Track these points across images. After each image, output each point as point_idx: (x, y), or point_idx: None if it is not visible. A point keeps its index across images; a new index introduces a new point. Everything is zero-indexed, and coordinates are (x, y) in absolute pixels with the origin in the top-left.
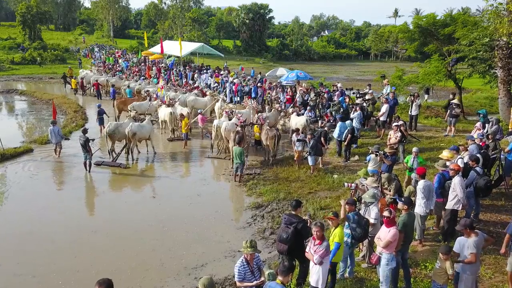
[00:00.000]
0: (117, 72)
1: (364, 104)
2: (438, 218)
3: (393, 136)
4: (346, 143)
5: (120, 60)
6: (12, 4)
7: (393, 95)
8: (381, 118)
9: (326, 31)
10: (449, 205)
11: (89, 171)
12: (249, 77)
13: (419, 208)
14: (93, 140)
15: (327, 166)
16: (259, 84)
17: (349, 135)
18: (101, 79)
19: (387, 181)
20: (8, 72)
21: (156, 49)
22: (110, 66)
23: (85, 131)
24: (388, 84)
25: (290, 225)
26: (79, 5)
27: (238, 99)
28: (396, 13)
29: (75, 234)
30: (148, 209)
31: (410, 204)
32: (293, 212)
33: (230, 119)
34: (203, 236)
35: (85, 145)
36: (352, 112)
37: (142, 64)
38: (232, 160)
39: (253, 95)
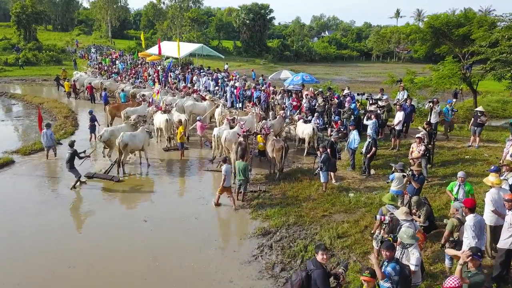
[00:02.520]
0: (113, 74)
1: (379, 111)
2: None
3: (416, 149)
4: (369, 156)
5: (117, 62)
6: (10, 4)
7: (410, 101)
8: (397, 127)
9: (326, 32)
10: (504, 244)
11: (75, 187)
12: (237, 77)
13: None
14: (84, 152)
15: (341, 182)
16: (263, 88)
17: (373, 148)
18: (95, 82)
19: (416, 206)
20: (0, 74)
21: (154, 50)
22: (106, 67)
23: (72, 144)
24: (404, 89)
25: (308, 271)
26: (77, 5)
27: (240, 104)
28: (397, 14)
29: (48, 270)
30: (138, 237)
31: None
32: (317, 258)
33: (231, 128)
34: (202, 273)
35: (70, 160)
36: (366, 119)
37: (139, 66)
38: (234, 175)
39: (255, 100)
